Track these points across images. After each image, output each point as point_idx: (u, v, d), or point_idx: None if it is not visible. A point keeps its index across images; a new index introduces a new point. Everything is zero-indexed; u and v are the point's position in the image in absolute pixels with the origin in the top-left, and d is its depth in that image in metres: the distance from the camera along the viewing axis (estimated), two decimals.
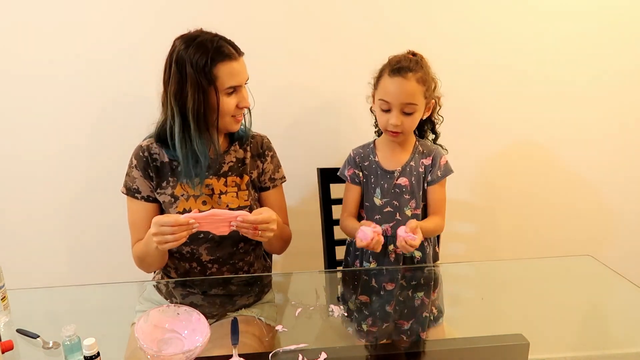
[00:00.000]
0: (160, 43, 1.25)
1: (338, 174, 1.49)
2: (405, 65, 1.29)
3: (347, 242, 1.53)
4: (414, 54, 1.35)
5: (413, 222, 1.26)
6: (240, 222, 1.15)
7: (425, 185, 1.41)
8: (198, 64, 1.18)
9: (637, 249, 2.00)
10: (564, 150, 1.88)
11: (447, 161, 1.42)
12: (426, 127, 1.47)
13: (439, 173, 1.40)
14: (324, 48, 1.67)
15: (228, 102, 1.24)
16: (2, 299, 1.11)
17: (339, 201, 1.54)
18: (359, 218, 1.47)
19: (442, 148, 1.46)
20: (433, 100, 1.36)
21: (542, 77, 1.78)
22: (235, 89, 1.24)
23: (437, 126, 1.46)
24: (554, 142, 1.86)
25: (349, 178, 1.45)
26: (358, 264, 1.47)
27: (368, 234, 1.24)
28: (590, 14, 1.72)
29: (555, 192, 1.92)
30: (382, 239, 1.26)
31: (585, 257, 1.45)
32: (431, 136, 1.48)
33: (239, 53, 1.25)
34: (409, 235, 1.23)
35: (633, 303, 1.29)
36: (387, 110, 1.32)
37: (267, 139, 1.42)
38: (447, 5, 1.67)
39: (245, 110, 1.33)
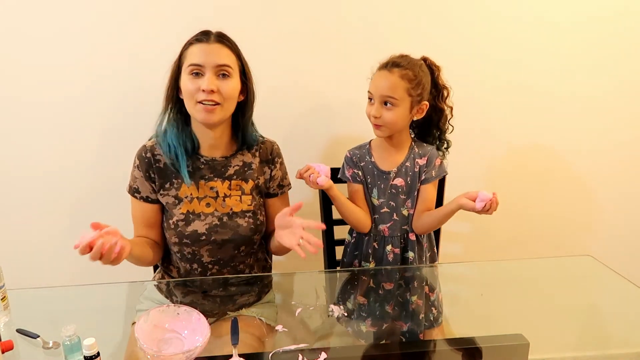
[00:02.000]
0: (165, 43, 1.26)
1: (339, 176, 1.48)
2: (394, 61, 1.32)
3: (345, 242, 1.53)
4: (424, 59, 1.37)
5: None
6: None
7: (419, 184, 1.42)
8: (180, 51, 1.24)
9: (637, 249, 2.00)
10: (564, 150, 1.88)
11: (441, 162, 1.43)
12: (434, 132, 1.45)
13: (433, 173, 1.41)
14: (323, 49, 1.67)
15: (186, 83, 1.20)
16: (2, 299, 1.11)
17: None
18: None
19: (446, 150, 1.46)
20: (426, 103, 1.35)
21: (542, 80, 1.78)
22: (200, 72, 1.19)
23: (445, 134, 1.45)
24: (554, 143, 1.87)
25: (350, 178, 1.45)
26: (357, 264, 1.47)
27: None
28: (597, 20, 1.73)
29: (556, 192, 1.92)
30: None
31: (585, 257, 1.45)
32: (439, 144, 1.46)
33: (219, 40, 1.22)
34: (491, 197, 1.24)
35: (633, 303, 1.29)
36: (371, 101, 1.34)
37: (277, 145, 1.41)
38: (450, 9, 1.68)
39: (253, 118, 1.34)
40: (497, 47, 1.73)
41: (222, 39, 1.24)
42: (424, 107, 1.36)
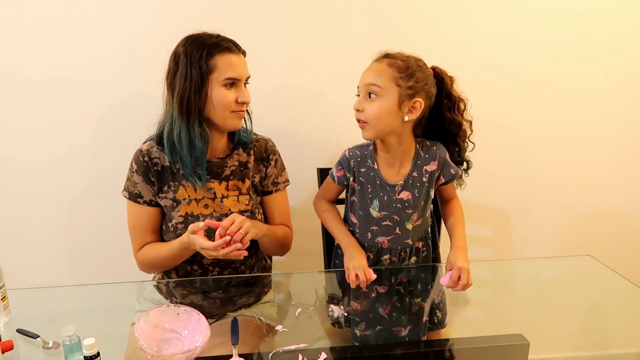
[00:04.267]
0: (162, 43, 1.25)
1: (329, 173, 1.39)
2: (386, 52, 1.22)
3: (335, 244, 1.47)
4: (433, 69, 1.26)
5: (456, 271, 1.19)
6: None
7: (435, 188, 1.34)
8: (193, 55, 1.19)
9: (637, 249, 2.00)
10: (564, 150, 1.88)
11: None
12: (452, 150, 1.33)
13: (452, 171, 1.33)
14: (323, 47, 1.67)
15: (226, 95, 1.22)
16: (2, 299, 1.11)
17: (339, 201, 1.53)
18: (349, 223, 1.40)
19: (465, 173, 1.37)
20: (419, 100, 1.19)
21: (544, 79, 1.78)
22: (234, 83, 1.23)
23: (464, 153, 1.33)
24: (553, 142, 1.86)
25: (336, 179, 1.35)
26: None
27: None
28: (593, 13, 1.72)
29: (555, 192, 1.92)
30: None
31: (585, 257, 1.45)
32: (459, 164, 1.36)
33: (240, 50, 1.25)
34: (457, 286, 1.19)
35: (633, 303, 1.29)
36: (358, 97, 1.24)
37: (272, 142, 1.41)
38: (449, 6, 1.67)
39: (246, 115, 1.32)
40: (504, 48, 1.73)
41: (240, 47, 1.26)
42: (418, 105, 1.19)
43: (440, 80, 1.26)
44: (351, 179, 1.34)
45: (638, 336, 1.19)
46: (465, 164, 1.36)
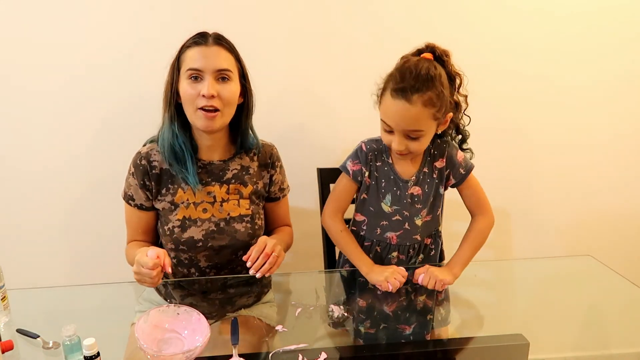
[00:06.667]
0: (162, 45, 1.25)
1: (339, 166, 1.35)
2: (411, 85, 1.11)
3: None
4: (431, 49, 1.19)
5: (427, 274, 1.25)
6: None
7: (446, 189, 1.34)
8: (174, 57, 1.23)
9: (637, 249, 2.00)
10: (563, 150, 1.88)
11: (464, 156, 1.32)
12: (450, 130, 1.32)
13: (461, 171, 1.31)
14: (323, 48, 1.67)
15: (186, 88, 1.17)
16: (2, 299, 1.11)
17: None
18: (354, 222, 1.40)
19: (465, 144, 1.34)
20: (450, 114, 1.20)
21: (544, 81, 1.78)
22: (199, 75, 1.17)
23: (461, 127, 1.32)
24: (553, 143, 1.86)
25: (351, 173, 1.31)
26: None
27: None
28: (593, 14, 1.72)
29: (555, 192, 1.92)
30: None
31: (585, 257, 1.45)
32: (458, 137, 1.34)
33: (217, 42, 1.20)
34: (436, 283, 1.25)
35: (633, 303, 1.29)
36: (390, 132, 1.18)
37: (276, 149, 1.40)
38: (450, 8, 1.67)
39: (253, 123, 1.32)
40: (508, 51, 1.73)
41: (221, 40, 1.22)
42: (449, 118, 1.21)
43: (441, 61, 1.21)
44: (366, 174, 1.31)
45: (638, 336, 1.19)
46: (461, 136, 1.33)
